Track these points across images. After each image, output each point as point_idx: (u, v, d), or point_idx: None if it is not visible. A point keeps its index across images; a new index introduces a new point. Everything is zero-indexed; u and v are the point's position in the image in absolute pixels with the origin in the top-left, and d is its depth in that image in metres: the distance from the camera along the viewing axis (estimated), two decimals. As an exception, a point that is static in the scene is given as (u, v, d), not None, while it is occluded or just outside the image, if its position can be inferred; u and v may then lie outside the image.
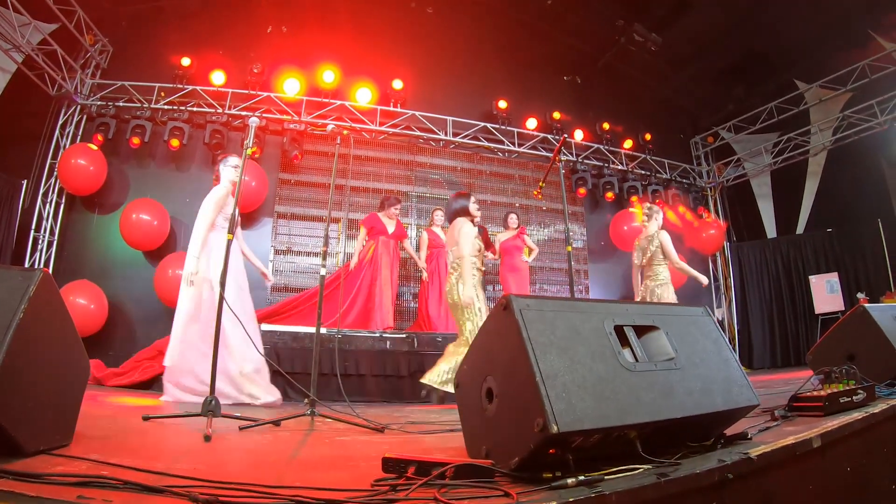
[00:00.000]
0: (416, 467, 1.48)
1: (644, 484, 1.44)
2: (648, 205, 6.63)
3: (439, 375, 4.93)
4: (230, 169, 4.91)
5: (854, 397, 2.64)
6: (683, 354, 1.81)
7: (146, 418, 2.96)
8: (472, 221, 5.18)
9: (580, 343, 1.60)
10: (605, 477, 1.44)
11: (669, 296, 6.08)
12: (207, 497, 1.24)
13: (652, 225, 6.38)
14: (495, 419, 1.63)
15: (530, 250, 8.50)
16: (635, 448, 1.57)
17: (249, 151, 3.48)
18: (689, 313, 2.05)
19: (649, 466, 1.55)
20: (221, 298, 3.10)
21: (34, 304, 1.68)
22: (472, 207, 5.22)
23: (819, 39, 9.82)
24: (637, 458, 1.56)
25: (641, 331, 1.81)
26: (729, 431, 2.00)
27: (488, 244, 8.13)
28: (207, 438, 2.44)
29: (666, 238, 6.21)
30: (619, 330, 1.74)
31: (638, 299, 6.27)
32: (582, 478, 1.39)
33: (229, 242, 3.30)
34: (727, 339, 2.04)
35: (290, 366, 5.43)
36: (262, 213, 8.59)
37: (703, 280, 6.33)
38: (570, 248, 4.49)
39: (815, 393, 2.63)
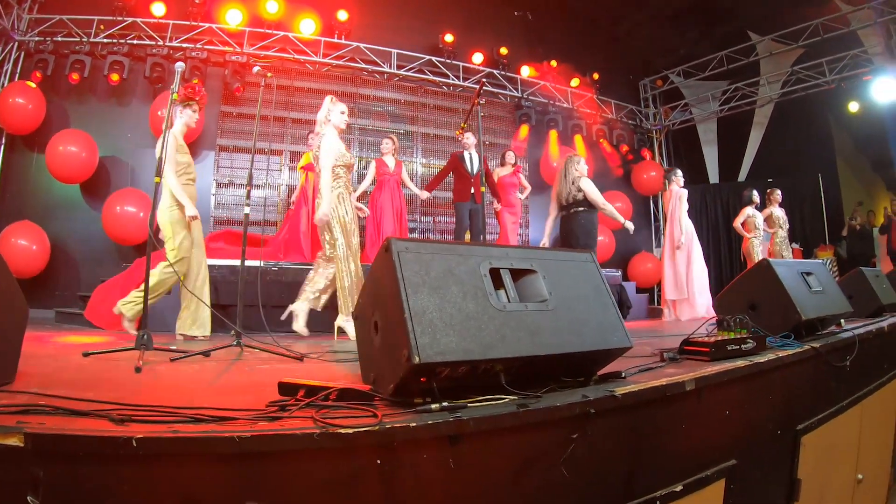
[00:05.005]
0: (305, 390, 1.67)
1: (502, 413, 1.62)
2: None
3: None
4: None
5: (742, 346, 2.76)
6: (558, 297, 1.98)
7: (86, 354, 3.06)
8: None
9: (454, 283, 1.75)
10: (468, 405, 1.61)
11: None
12: (122, 417, 1.43)
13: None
14: (380, 350, 1.80)
15: (524, 188, 8.71)
16: (501, 381, 1.76)
17: (175, 96, 3.51)
18: (574, 258, 2.21)
19: (514, 398, 1.72)
20: (151, 238, 3.19)
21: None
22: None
23: (776, -8, 9.97)
24: (503, 390, 1.74)
25: (519, 274, 1.97)
26: (605, 370, 2.16)
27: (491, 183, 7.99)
28: (138, 370, 2.59)
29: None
30: (495, 272, 1.89)
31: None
32: (445, 403, 1.58)
33: (156, 185, 3.37)
34: (608, 286, 2.20)
35: (228, 298, 5.52)
36: (203, 146, 8.53)
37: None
38: (483, 189, 4.64)
39: (704, 339, 2.75)
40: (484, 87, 9.90)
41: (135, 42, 8.10)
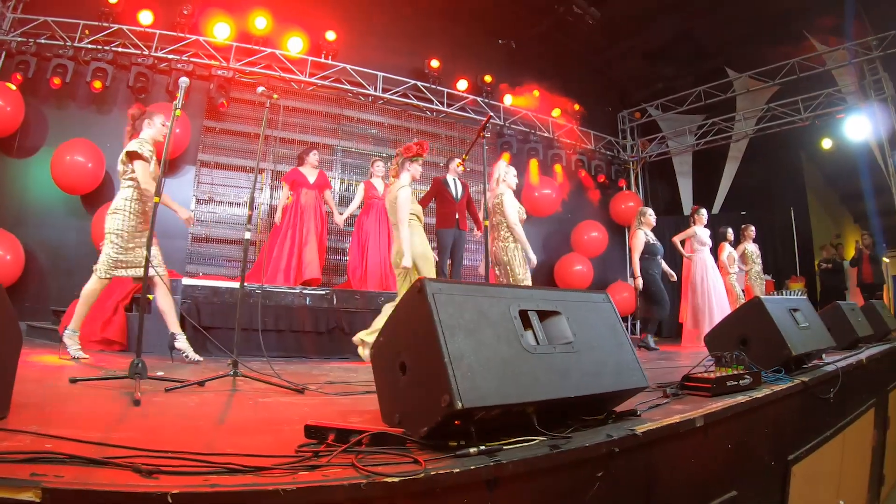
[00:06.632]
0: (335, 434, 1.62)
1: (538, 454, 1.63)
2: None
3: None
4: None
5: (740, 381, 2.86)
6: (581, 338, 1.99)
7: (73, 381, 2.93)
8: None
9: (487, 326, 1.75)
10: (504, 447, 1.61)
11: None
12: (150, 468, 1.31)
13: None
14: (407, 390, 1.78)
15: None
16: (532, 422, 1.76)
17: (178, 112, 3.44)
18: (592, 299, 2.24)
19: (544, 438, 1.73)
20: (147, 261, 3.12)
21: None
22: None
23: (754, 32, 10.32)
24: (533, 431, 1.74)
25: (544, 315, 1.98)
26: (621, 407, 2.20)
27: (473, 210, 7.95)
28: (137, 402, 2.48)
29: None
30: (523, 314, 1.90)
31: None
32: (483, 447, 1.56)
33: (155, 206, 3.30)
34: (623, 325, 2.24)
35: (209, 320, 5.42)
36: (184, 160, 8.36)
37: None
38: (486, 223, 4.68)
39: (705, 375, 2.84)
40: (465, 114, 10.20)
41: (120, 50, 7.89)
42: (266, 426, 2.21)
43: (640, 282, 7.54)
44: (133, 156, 4.47)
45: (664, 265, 7.83)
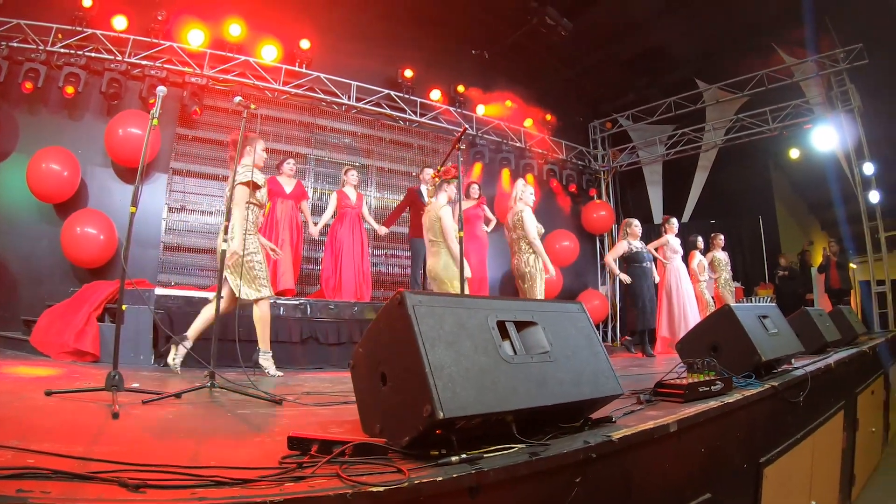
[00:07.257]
0: (318, 445, 1.64)
1: (518, 462, 1.66)
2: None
3: None
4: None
5: (712, 387, 2.92)
6: (557, 348, 2.04)
7: (49, 393, 2.89)
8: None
9: (466, 337, 1.79)
10: (485, 455, 1.65)
11: None
12: (136, 482, 1.30)
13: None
14: (388, 401, 1.80)
15: (489, 220, 8.70)
16: (511, 430, 1.79)
17: (155, 122, 3.43)
18: (567, 309, 2.29)
19: (523, 446, 1.77)
20: (123, 272, 3.10)
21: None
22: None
23: (724, 44, 10.54)
24: (512, 439, 1.78)
25: (521, 325, 2.03)
26: (597, 414, 2.25)
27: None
28: (115, 416, 2.46)
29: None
30: (500, 325, 1.94)
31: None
32: (464, 455, 1.60)
33: (132, 216, 3.28)
34: (597, 334, 2.29)
35: (182, 331, 5.34)
36: (155, 168, 8.24)
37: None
38: (461, 234, 4.72)
39: (677, 381, 2.89)
40: (438, 124, 10.24)
41: (93, 55, 7.76)
42: (247, 438, 2.22)
43: (625, 277, 7.87)
44: (247, 185, 4.66)
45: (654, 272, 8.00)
